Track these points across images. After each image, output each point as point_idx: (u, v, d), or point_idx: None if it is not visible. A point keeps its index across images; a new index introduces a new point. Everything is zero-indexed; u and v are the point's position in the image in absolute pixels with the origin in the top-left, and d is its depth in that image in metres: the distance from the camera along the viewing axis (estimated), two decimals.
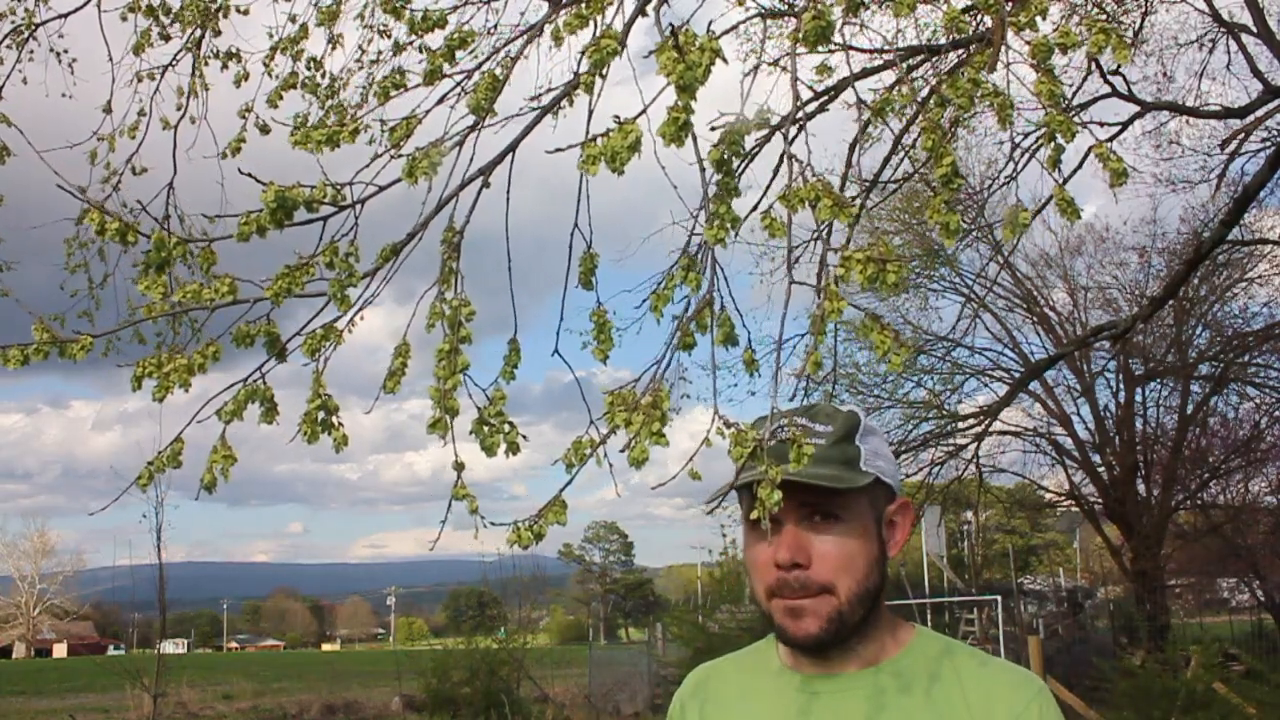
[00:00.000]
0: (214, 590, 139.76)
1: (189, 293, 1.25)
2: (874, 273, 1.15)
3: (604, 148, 1.17)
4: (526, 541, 1.20)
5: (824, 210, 1.14)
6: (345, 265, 1.31)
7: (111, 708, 21.47)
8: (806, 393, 8.29)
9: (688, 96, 1.11)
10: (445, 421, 1.21)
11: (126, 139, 4.41)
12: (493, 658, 17.65)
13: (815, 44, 1.18)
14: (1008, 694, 1.40)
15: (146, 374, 1.22)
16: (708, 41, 1.11)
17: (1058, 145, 1.54)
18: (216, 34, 4.12)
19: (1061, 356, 16.46)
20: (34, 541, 77.85)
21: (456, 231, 1.34)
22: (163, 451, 1.21)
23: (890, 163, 8.68)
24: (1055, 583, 32.24)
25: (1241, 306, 19.05)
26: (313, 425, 1.25)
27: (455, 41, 1.64)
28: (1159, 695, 9.23)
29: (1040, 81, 1.53)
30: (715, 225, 1.13)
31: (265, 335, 1.27)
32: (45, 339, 1.21)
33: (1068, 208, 1.41)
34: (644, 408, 1.11)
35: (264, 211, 1.23)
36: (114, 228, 1.22)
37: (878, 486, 1.45)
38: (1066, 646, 20.00)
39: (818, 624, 1.40)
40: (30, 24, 4.78)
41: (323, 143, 1.42)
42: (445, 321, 1.27)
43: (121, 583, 33.17)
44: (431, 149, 1.30)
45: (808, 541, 1.41)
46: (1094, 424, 20.65)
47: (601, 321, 1.52)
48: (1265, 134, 10.81)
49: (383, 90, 1.79)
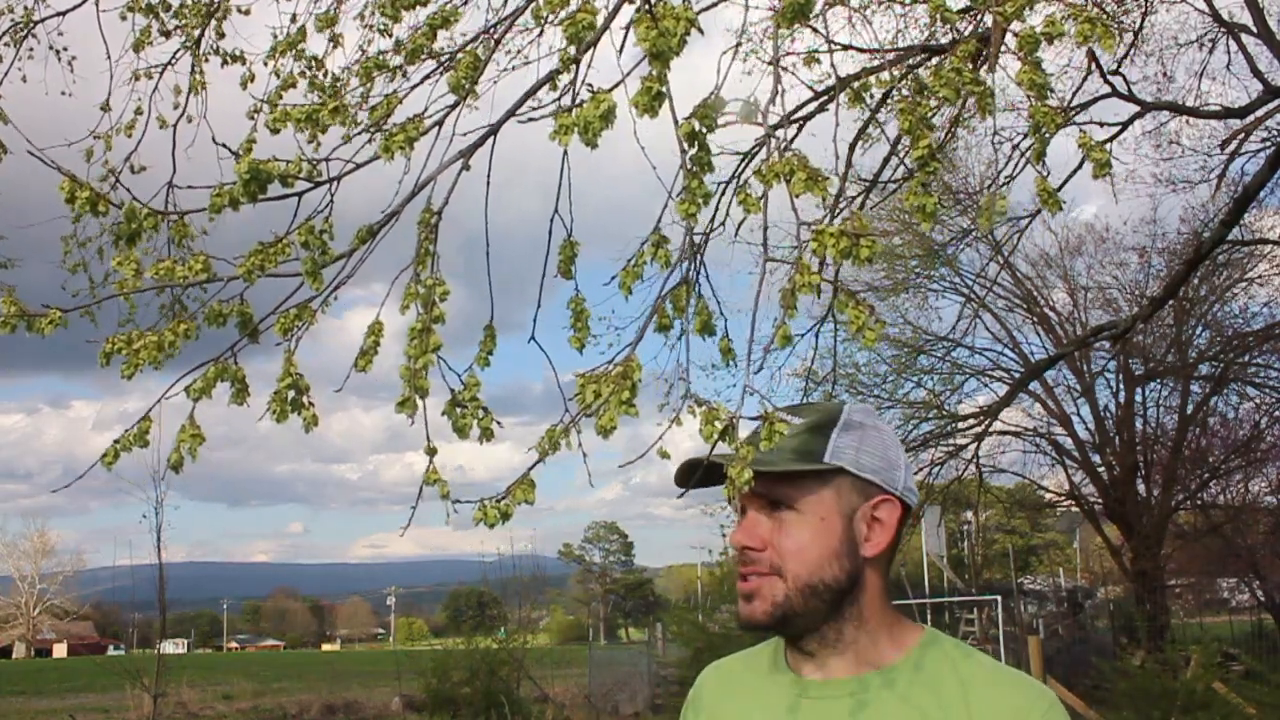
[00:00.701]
0: (214, 590, 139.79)
1: (162, 270, 1.24)
2: (847, 247, 1.13)
3: (577, 118, 1.16)
4: (493, 520, 1.19)
5: (798, 184, 1.12)
6: (319, 243, 1.29)
7: (111, 708, 21.46)
8: (806, 393, 8.28)
9: (661, 65, 1.09)
10: (414, 400, 1.20)
11: (125, 138, 4.40)
12: (493, 658, 17.64)
13: (793, 21, 1.16)
14: (1016, 707, 1.34)
15: (116, 350, 1.21)
16: (683, 11, 1.09)
17: (1042, 136, 1.53)
18: (220, 36, 4.11)
19: (1061, 356, 16.45)
20: (34, 541, 77.91)
21: (434, 213, 1.32)
22: (129, 429, 1.19)
23: (890, 163, 8.68)
24: (1055, 583, 32.24)
25: (1241, 306, 19.05)
26: (282, 404, 1.23)
27: (437, 20, 1.62)
28: (1159, 695, 9.21)
29: (1023, 71, 1.51)
30: (686, 200, 1.12)
31: (238, 315, 1.26)
32: (13, 312, 1.19)
33: (1049, 198, 1.40)
34: (613, 378, 1.10)
35: (237, 184, 1.22)
36: (84, 196, 1.20)
37: (849, 480, 1.41)
38: (1066, 646, 20.00)
39: (762, 608, 1.39)
40: (29, 21, 4.77)
41: (302, 121, 1.40)
42: (419, 301, 1.25)
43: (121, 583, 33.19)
44: (408, 124, 1.28)
45: (763, 527, 1.40)
46: (1094, 424, 20.65)
47: (579, 310, 1.51)
48: (1265, 134, 10.80)
49: (365, 70, 1.78)
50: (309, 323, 1.27)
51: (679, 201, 1.13)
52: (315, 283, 1.26)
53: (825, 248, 1.14)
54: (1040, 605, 26.56)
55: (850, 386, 17.61)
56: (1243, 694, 9.17)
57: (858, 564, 1.41)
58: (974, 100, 1.42)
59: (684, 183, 1.14)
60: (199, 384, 1.23)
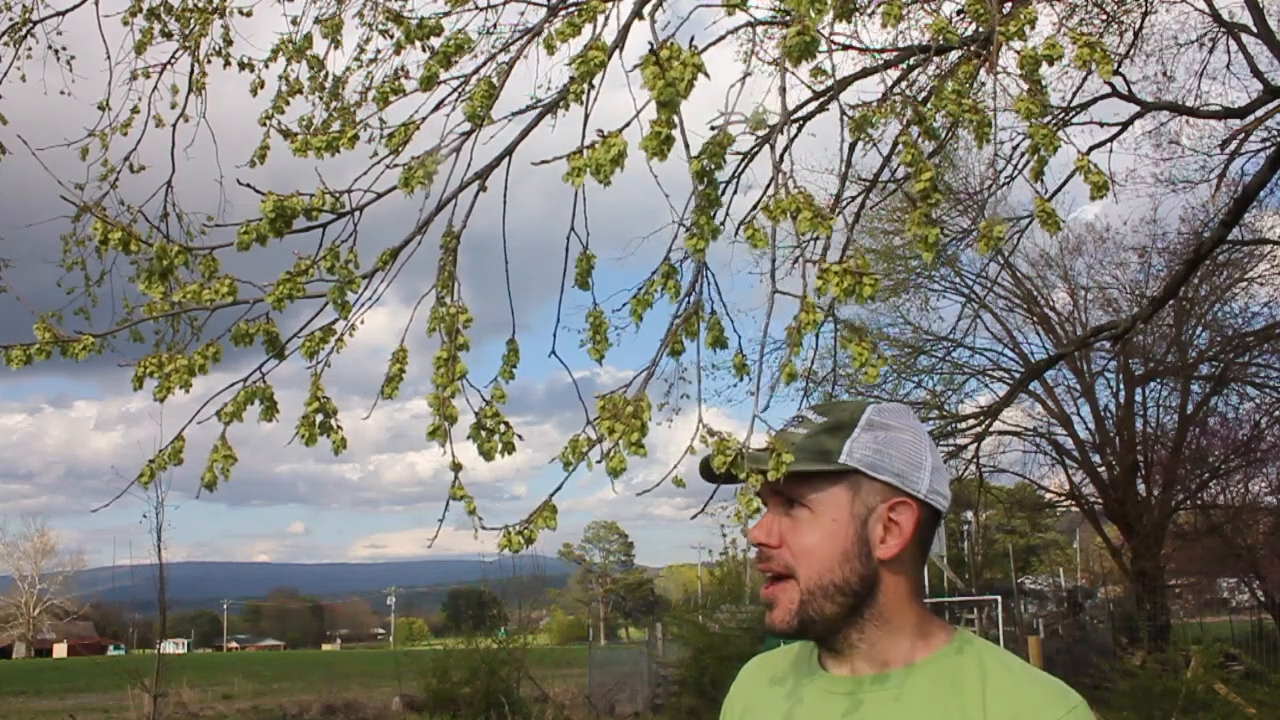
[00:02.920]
0: (214, 590, 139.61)
1: (189, 293, 1.26)
2: (850, 285, 1.16)
3: (588, 160, 1.18)
4: (517, 546, 1.21)
5: (804, 223, 1.15)
6: (345, 271, 1.31)
7: (111, 708, 21.46)
8: (806, 393, 8.29)
9: (669, 112, 1.11)
10: (445, 429, 1.22)
11: (122, 137, 4.41)
12: (493, 658, 17.64)
13: (799, 60, 1.18)
14: (1033, 708, 1.32)
15: (148, 374, 1.23)
16: (690, 57, 1.11)
17: (1041, 158, 1.55)
18: (229, 43, 4.13)
19: (1061, 356, 16.47)
20: (34, 541, 77.89)
21: (454, 236, 1.34)
22: (164, 450, 1.21)
23: (890, 164, 8.68)
24: (1055, 583, 32.27)
25: (1241, 306, 19.08)
26: (311, 428, 1.26)
27: (451, 48, 1.64)
28: (1159, 695, 9.22)
29: (1020, 100, 1.53)
30: (695, 235, 1.14)
31: (264, 334, 1.28)
32: (48, 339, 1.21)
33: (1048, 219, 1.43)
34: (625, 418, 1.12)
35: (263, 221, 1.24)
36: (116, 237, 1.22)
37: (865, 481, 1.41)
38: (1066, 646, 20.02)
39: (781, 616, 1.42)
40: (27, 20, 4.78)
41: (322, 149, 1.42)
42: (443, 328, 1.28)
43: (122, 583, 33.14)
44: (427, 158, 1.30)
45: (780, 525, 1.43)
46: (1094, 424, 20.68)
47: (598, 322, 1.53)
48: (1265, 134, 10.81)
49: (381, 95, 1.80)
50: (337, 347, 1.29)
51: (688, 236, 1.15)
52: (344, 311, 1.29)
53: (829, 285, 1.17)
54: (1040, 605, 26.60)
55: (850, 387, 17.63)
56: (1243, 694, 9.18)
57: (872, 566, 1.41)
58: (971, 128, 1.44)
59: (694, 218, 1.16)
60: (230, 407, 1.25)
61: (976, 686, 1.35)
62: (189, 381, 1.22)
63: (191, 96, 4.36)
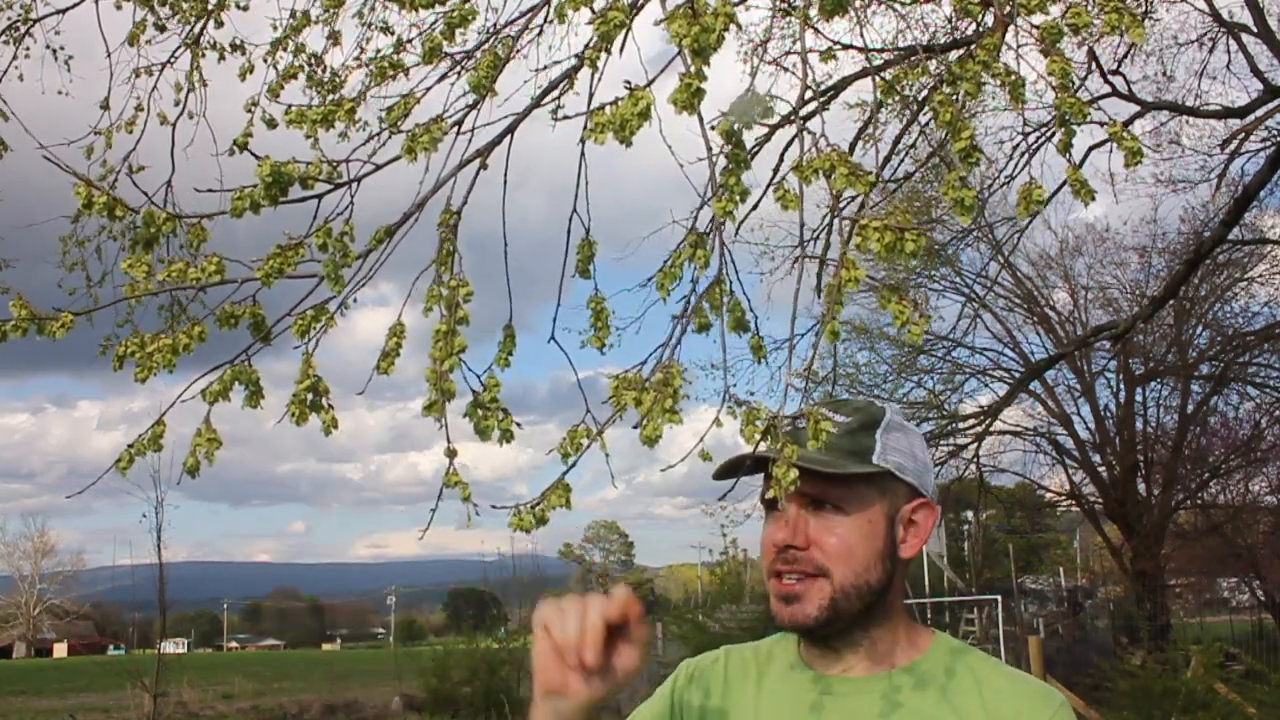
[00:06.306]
0: (214, 590, 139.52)
1: (174, 271, 1.23)
2: (892, 240, 1.11)
3: (613, 115, 1.14)
4: (528, 525, 1.17)
5: (840, 179, 1.10)
6: (340, 245, 1.28)
7: (111, 708, 21.43)
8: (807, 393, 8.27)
9: (701, 61, 1.08)
10: (441, 403, 1.19)
11: (124, 135, 4.39)
12: (493, 658, 17.64)
13: (831, 14, 1.15)
14: (1028, 706, 1.36)
15: (129, 353, 1.19)
16: (721, 7, 1.08)
17: (1069, 129, 1.52)
18: (219, 25, 4.09)
19: (1062, 356, 16.46)
20: (34, 541, 77.82)
21: (454, 213, 1.31)
22: (143, 435, 1.18)
23: (890, 163, 8.68)
24: (1055, 582, 32.25)
25: (1242, 306, 19.07)
26: (301, 406, 1.22)
27: (455, 19, 1.61)
28: (1159, 695, 9.21)
29: (1053, 61, 1.49)
30: (724, 198, 1.10)
31: (251, 317, 1.25)
32: (24, 315, 1.18)
33: (1081, 188, 1.38)
34: (655, 385, 1.08)
35: (258, 187, 1.21)
36: (101, 201, 1.19)
37: (892, 482, 1.41)
38: (1066, 646, 20.00)
39: (810, 610, 1.38)
40: (26, 19, 4.75)
41: (317, 122, 1.39)
42: (443, 303, 1.24)
43: (122, 582, 33.15)
44: (432, 124, 1.27)
45: (809, 526, 1.39)
46: (1094, 424, 20.67)
47: (599, 309, 1.50)
48: (1265, 134, 10.80)
49: (379, 70, 1.77)
50: (328, 325, 1.26)
51: (716, 199, 1.11)
52: (336, 285, 1.25)
53: (869, 241, 1.12)
54: (1040, 605, 26.58)
55: (850, 386, 17.61)
56: (1243, 694, 9.16)
57: (895, 566, 1.42)
58: (1007, 90, 1.40)
59: (721, 180, 1.12)
60: (216, 386, 1.22)
61: (972, 684, 1.38)
62: (173, 362, 1.19)
63: (190, 95, 4.33)
